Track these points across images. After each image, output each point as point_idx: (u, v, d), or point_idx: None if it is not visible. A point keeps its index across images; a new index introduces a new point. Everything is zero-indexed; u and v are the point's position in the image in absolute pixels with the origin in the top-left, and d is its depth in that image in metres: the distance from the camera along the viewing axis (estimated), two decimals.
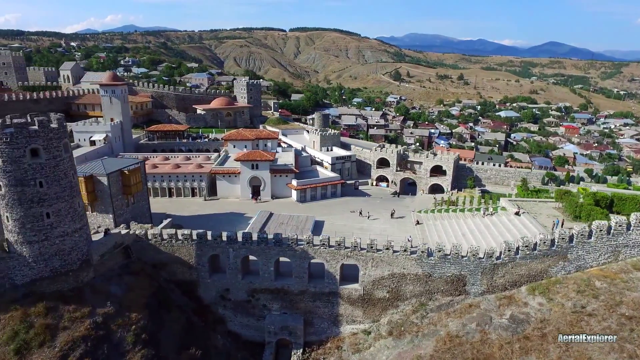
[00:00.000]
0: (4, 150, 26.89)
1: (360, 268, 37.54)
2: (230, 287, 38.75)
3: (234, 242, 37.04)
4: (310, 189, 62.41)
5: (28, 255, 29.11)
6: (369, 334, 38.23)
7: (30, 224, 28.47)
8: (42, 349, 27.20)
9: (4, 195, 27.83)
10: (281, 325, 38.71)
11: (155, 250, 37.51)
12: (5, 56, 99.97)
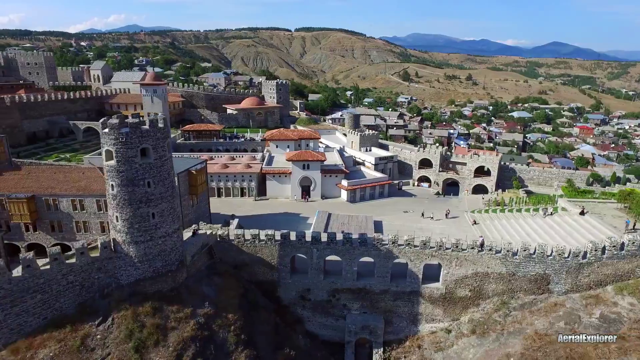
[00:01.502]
0: (119, 150, 26.87)
1: (443, 267, 37.64)
2: (311, 287, 38.74)
3: (318, 242, 37.05)
4: (360, 189, 62.45)
5: (134, 255, 29.07)
6: (450, 332, 38.30)
7: (137, 224, 28.44)
8: (157, 348, 27.21)
9: (115, 195, 27.80)
10: (362, 325, 38.74)
11: (237, 251, 37.48)
12: (37, 56, 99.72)
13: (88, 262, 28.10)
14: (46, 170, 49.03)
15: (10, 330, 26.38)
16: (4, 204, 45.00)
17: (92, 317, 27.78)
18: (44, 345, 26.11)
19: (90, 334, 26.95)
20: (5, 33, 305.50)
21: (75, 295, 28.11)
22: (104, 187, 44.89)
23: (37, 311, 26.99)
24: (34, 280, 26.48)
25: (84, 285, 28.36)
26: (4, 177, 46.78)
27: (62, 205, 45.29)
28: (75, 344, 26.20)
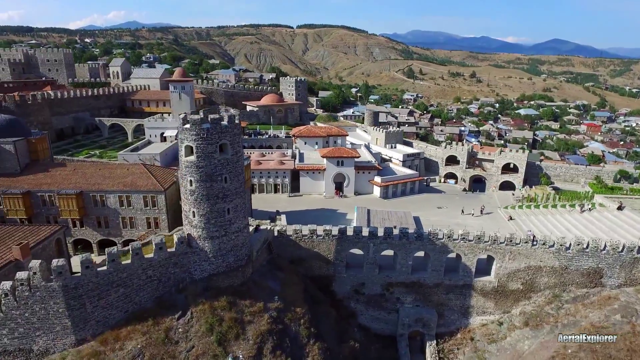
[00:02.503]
0: (200, 146, 27.17)
1: (496, 261, 38.29)
2: (366, 281, 39.29)
3: (375, 237, 37.58)
4: (392, 185, 63.00)
5: (209, 250, 29.44)
6: (502, 324, 38.99)
7: (214, 220, 28.79)
8: (238, 341, 27.67)
9: (193, 191, 28.12)
10: (416, 318, 39.41)
11: (294, 246, 37.91)
12: (57, 53, 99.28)
13: (165, 257, 28.44)
14: (91, 166, 49.24)
15: (96, 323, 26.79)
16: (52, 200, 45.38)
17: (171, 311, 28.18)
18: (130, 337, 26.52)
19: (172, 327, 27.37)
20: (7, 29, 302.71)
21: (153, 290, 28.49)
22: (150, 183, 45.67)
23: (119, 305, 27.39)
24: (117, 275, 26.85)
25: (161, 280, 28.73)
26: (50, 173, 46.97)
27: (109, 201, 45.54)
28: (160, 337, 26.61)
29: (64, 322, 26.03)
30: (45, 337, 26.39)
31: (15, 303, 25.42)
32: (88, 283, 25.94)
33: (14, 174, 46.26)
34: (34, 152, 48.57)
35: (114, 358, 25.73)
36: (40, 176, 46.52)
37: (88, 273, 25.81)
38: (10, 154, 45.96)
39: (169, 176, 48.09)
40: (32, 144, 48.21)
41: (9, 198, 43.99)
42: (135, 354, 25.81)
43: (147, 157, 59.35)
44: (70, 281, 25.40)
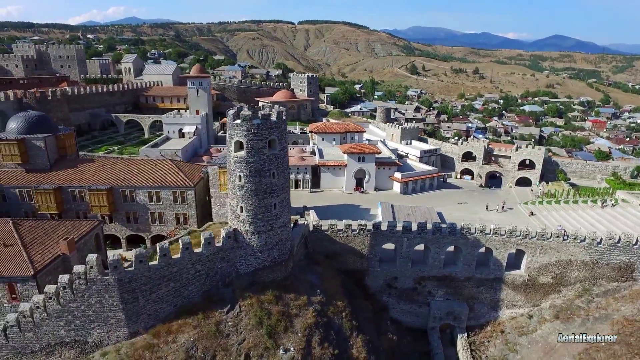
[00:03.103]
0: (250, 142, 27.46)
1: (527, 255, 38.82)
2: (398, 275, 39.79)
3: (409, 231, 38.02)
4: (412, 181, 63.38)
5: (255, 245, 29.83)
6: (531, 317, 39.59)
7: (261, 215, 29.15)
8: (287, 334, 28.15)
9: (242, 186, 28.45)
10: (447, 311, 40.00)
11: (330, 241, 38.33)
12: (69, 49, 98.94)
13: (213, 251, 28.82)
14: (119, 162, 49.53)
15: (148, 316, 27.23)
16: (82, 196, 45.69)
17: (219, 305, 28.61)
18: (181, 330, 26.96)
19: (222, 320, 27.81)
20: (8, 25, 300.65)
21: (201, 284, 28.88)
22: (179, 179, 46.04)
23: (169, 299, 27.80)
24: (168, 269, 27.23)
25: (209, 274, 29.11)
26: (79, 169, 47.33)
27: (138, 197, 45.94)
28: (212, 330, 27.06)
29: (118, 315, 26.47)
30: (100, 330, 26.85)
31: (72, 296, 25.85)
32: (141, 277, 26.34)
33: (44, 170, 46.66)
34: (62, 148, 48.89)
35: (167, 350, 26.21)
36: (69, 172, 46.90)
37: (141, 267, 26.19)
38: (41, 149, 46.28)
39: (196, 172, 48.47)
40: (60, 140, 48.51)
41: (41, 193, 44.39)
42: (189, 346, 26.27)
43: (169, 153, 59.60)
44: (124, 275, 25.79)
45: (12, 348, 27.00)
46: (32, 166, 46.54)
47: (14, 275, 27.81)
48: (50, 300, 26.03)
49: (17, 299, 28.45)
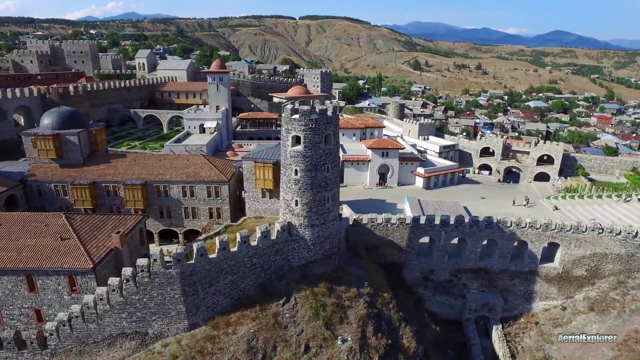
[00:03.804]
0: (308, 136, 27.84)
1: (562, 248, 39.49)
2: (435, 268, 40.44)
3: (447, 225, 38.60)
4: (434, 176, 63.95)
5: (308, 238, 30.31)
6: (565, 309, 40.38)
7: (315, 208, 29.61)
8: (342, 325, 28.74)
9: (298, 180, 28.86)
10: (482, 303, 40.72)
11: (369, 234, 38.87)
12: (83, 45, 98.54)
13: (268, 245, 29.28)
14: (151, 157, 49.80)
15: (207, 308, 27.73)
16: (116, 191, 45.98)
17: (275, 298, 29.12)
18: (240, 322, 27.48)
19: (279, 312, 28.34)
20: (9, 20, 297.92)
21: (256, 277, 29.37)
22: (213, 174, 46.39)
23: (227, 291, 28.28)
24: (227, 262, 27.69)
25: (263, 267, 29.59)
26: (112, 164, 47.55)
27: (172, 191, 46.27)
28: (270, 322, 27.59)
29: (178, 307, 26.94)
30: (161, 322, 27.33)
31: (135, 288, 26.29)
32: (201, 270, 26.80)
33: (77, 165, 46.88)
34: (93, 143, 49.08)
35: (228, 342, 26.74)
36: (102, 167, 47.13)
37: (202, 260, 26.63)
38: (75, 145, 46.50)
39: (228, 167, 48.81)
40: (92, 135, 48.71)
41: (76, 188, 44.70)
42: (250, 337, 26.80)
43: (194, 148, 59.90)
44: (186, 268, 26.24)
45: (76, 338, 27.49)
46: (65, 161, 46.73)
47: (74, 268, 28.22)
48: (114, 293, 26.47)
49: (77, 291, 28.87)
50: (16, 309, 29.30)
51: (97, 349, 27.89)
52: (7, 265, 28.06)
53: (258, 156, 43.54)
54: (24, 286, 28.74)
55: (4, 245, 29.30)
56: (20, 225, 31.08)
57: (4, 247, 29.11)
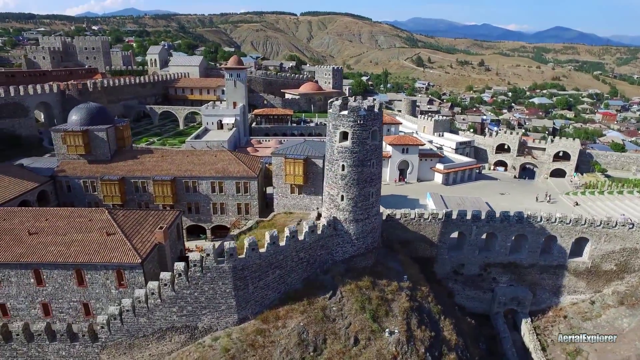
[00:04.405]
0: (356, 132, 28.12)
1: (591, 242, 40.01)
2: (465, 262, 40.93)
3: (478, 220, 39.05)
4: (453, 172, 64.36)
5: (353, 232, 30.70)
6: (594, 303, 40.99)
7: (361, 203, 29.97)
8: (388, 318, 29.19)
9: (345, 176, 29.17)
10: (511, 296, 41.28)
11: (402, 229, 39.24)
12: (95, 41, 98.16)
13: (315, 239, 29.64)
14: (179, 153, 49.94)
15: (255, 302, 28.12)
16: (145, 186, 46.17)
17: (321, 291, 29.53)
18: (289, 316, 27.88)
19: (326, 306, 28.74)
20: (9, 16, 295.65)
21: (302, 271, 29.77)
22: (241, 170, 46.62)
23: (275, 285, 28.67)
24: (275, 257, 28.05)
25: (309, 262, 29.99)
26: (140, 160, 47.70)
27: (201, 187, 46.47)
28: (319, 315, 28.00)
29: (229, 301, 27.31)
30: (210, 316, 27.71)
31: (187, 283, 26.65)
32: (252, 264, 27.16)
33: (105, 161, 47.00)
34: (120, 139, 49.21)
35: (279, 335, 27.15)
36: (130, 163, 47.28)
37: (253, 255, 26.97)
38: (103, 141, 46.61)
39: (255, 163, 49.04)
40: (119, 131, 48.82)
41: (106, 184, 44.87)
42: (300, 331, 27.21)
43: (215, 144, 60.07)
44: (238, 263, 26.58)
45: (126, 332, 27.89)
46: (94, 157, 46.84)
47: (123, 263, 28.51)
48: (165, 287, 26.82)
49: (125, 285, 29.18)
50: (65, 302, 29.62)
51: (147, 342, 28.30)
52: (58, 260, 28.38)
53: (288, 152, 43.77)
54: (73, 280, 29.06)
55: (53, 240, 29.59)
56: (65, 221, 31.33)
57: (52, 241, 29.40)
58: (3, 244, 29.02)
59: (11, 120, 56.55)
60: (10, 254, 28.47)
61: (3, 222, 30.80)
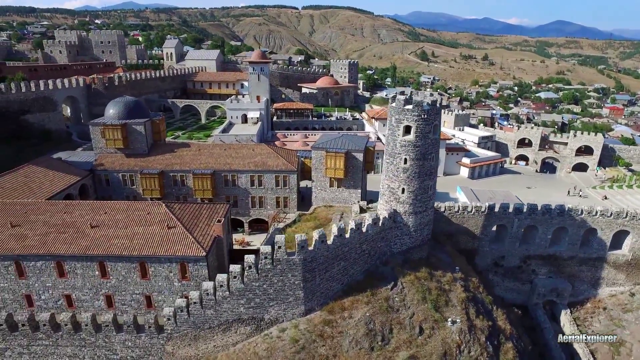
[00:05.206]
0: (419, 126, 28.36)
1: (632, 235, 40.54)
2: (506, 254, 41.47)
3: (520, 212, 39.53)
4: (479, 166, 64.87)
5: (411, 225, 31.10)
6: (633, 295, 41.65)
7: (420, 196, 30.34)
8: (448, 307, 29.73)
9: (407, 169, 29.47)
10: (551, 288, 41.92)
11: (446, 222, 39.66)
12: (110, 35, 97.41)
13: (376, 231, 30.01)
14: (216, 147, 50.07)
15: (321, 294, 28.50)
16: (183, 180, 46.32)
17: (382, 282, 29.96)
18: (354, 307, 28.33)
19: (389, 297, 29.20)
20: (10, 10, 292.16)
21: (364, 263, 30.17)
22: (280, 163, 46.84)
23: (339, 277, 29.04)
24: (342, 249, 28.39)
25: (370, 254, 30.38)
26: (177, 153, 47.82)
27: (240, 181, 46.68)
28: (383, 306, 28.46)
29: (297, 293, 27.66)
30: (278, 307, 28.08)
31: (256, 275, 26.97)
32: (320, 257, 27.49)
33: (143, 155, 47.11)
34: (156, 132, 49.30)
35: (346, 325, 27.60)
36: (167, 156, 47.40)
37: (322, 247, 27.30)
38: (141, 134, 46.69)
39: (292, 157, 49.21)
40: (155, 124, 48.88)
41: (146, 178, 45.03)
42: (367, 321, 27.68)
43: (244, 138, 60.16)
44: (308, 255, 26.91)
45: (192, 323, 28.24)
46: (131, 151, 46.92)
47: (188, 256, 28.80)
48: (235, 280, 27.15)
49: (188, 278, 29.50)
50: (128, 294, 29.95)
51: (212, 334, 28.68)
52: (123, 253, 28.65)
53: (329, 146, 44.00)
54: (137, 273, 29.34)
55: (114, 233, 29.82)
56: (124, 214, 31.54)
57: (115, 234, 29.63)
58: (68, 237, 29.27)
59: (41, 114, 56.35)
60: (77, 247, 28.74)
61: (65, 215, 31.03)
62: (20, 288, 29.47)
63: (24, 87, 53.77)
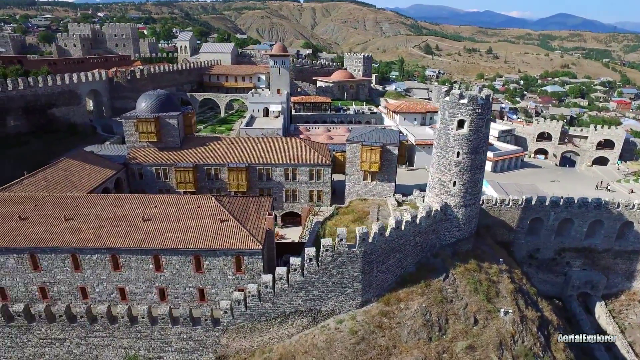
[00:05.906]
0: (474, 120, 28.47)
1: None
2: (541, 246, 41.81)
3: (557, 205, 39.82)
4: (501, 160, 65.04)
5: (461, 217, 31.35)
6: None
7: (471, 189, 30.55)
8: (498, 298, 30.12)
9: (459, 162, 29.61)
10: (585, 280, 42.38)
11: (484, 214, 39.80)
12: (124, 28, 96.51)
13: (430, 224, 30.24)
14: (248, 140, 50.08)
15: (377, 286, 28.79)
16: (217, 173, 46.35)
17: (434, 274, 30.27)
18: (410, 298, 28.66)
19: (442, 288, 29.53)
20: (10, 2, 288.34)
21: (416, 255, 30.45)
22: (314, 157, 46.93)
23: (392, 269, 29.32)
24: (397, 241, 28.63)
25: (422, 246, 30.65)
26: (209, 147, 47.81)
27: (274, 174, 46.72)
28: (438, 297, 28.79)
29: (355, 285, 27.93)
30: (335, 299, 28.36)
31: (316, 267, 27.19)
32: (378, 249, 27.72)
33: (175, 148, 47.08)
34: (188, 126, 49.24)
35: (403, 317, 27.94)
36: (200, 150, 47.39)
37: (380, 239, 27.53)
38: (174, 128, 46.63)
39: (324, 150, 49.24)
40: (187, 118, 48.77)
41: (180, 171, 45.08)
42: (423, 312, 28.02)
43: (269, 132, 60.14)
44: (368, 247, 27.12)
45: (249, 316, 28.52)
46: (164, 144, 46.86)
47: (243, 249, 28.96)
48: (295, 272, 27.36)
49: (242, 271, 29.70)
50: (181, 287, 30.13)
51: (268, 326, 28.97)
52: (178, 246, 28.77)
53: (364, 139, 44.08)
54: (191, 266, 29.50)
55: (168, 226, 29.91)
56: (174, 207, 31.62)
57: (168, 228, 29.73)
58: (122, 230, 29.36)
59: (67, 108, 56.07)
60: (131, 240, 28.84)
61: (115, 209, 31.10)
62: (75, 280, 29.62)
63: (51, 80, 53.44)
